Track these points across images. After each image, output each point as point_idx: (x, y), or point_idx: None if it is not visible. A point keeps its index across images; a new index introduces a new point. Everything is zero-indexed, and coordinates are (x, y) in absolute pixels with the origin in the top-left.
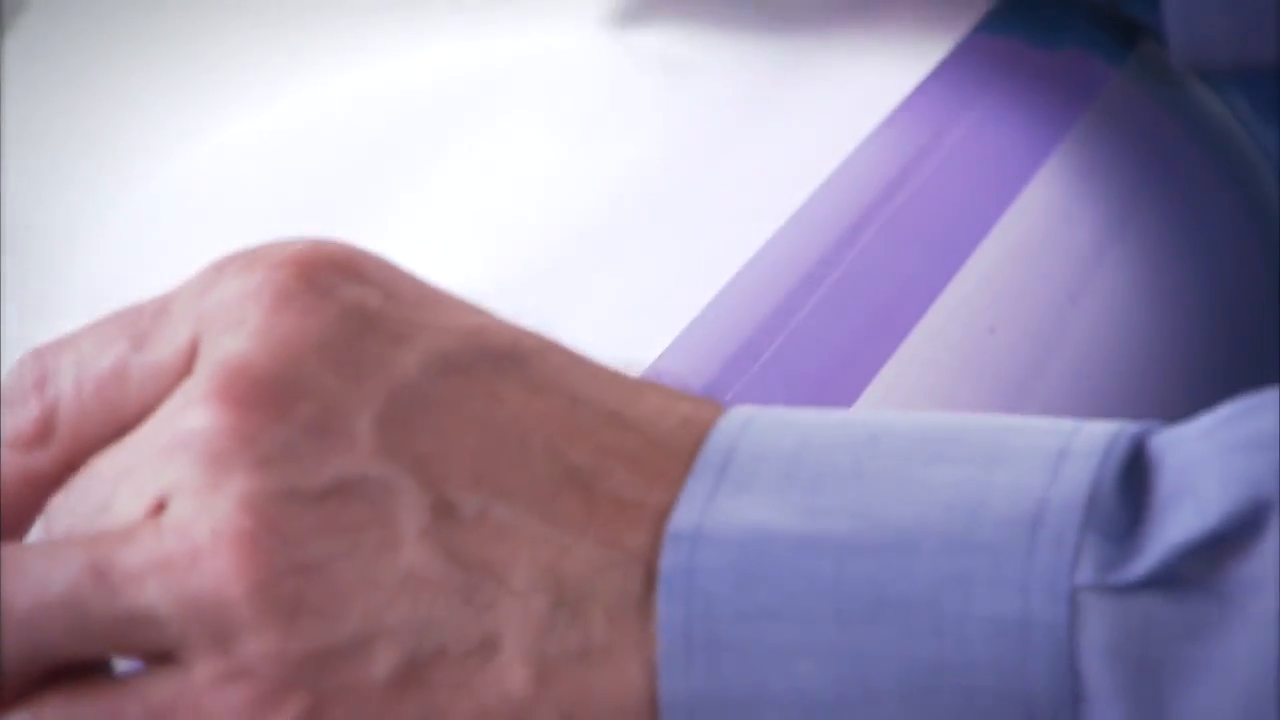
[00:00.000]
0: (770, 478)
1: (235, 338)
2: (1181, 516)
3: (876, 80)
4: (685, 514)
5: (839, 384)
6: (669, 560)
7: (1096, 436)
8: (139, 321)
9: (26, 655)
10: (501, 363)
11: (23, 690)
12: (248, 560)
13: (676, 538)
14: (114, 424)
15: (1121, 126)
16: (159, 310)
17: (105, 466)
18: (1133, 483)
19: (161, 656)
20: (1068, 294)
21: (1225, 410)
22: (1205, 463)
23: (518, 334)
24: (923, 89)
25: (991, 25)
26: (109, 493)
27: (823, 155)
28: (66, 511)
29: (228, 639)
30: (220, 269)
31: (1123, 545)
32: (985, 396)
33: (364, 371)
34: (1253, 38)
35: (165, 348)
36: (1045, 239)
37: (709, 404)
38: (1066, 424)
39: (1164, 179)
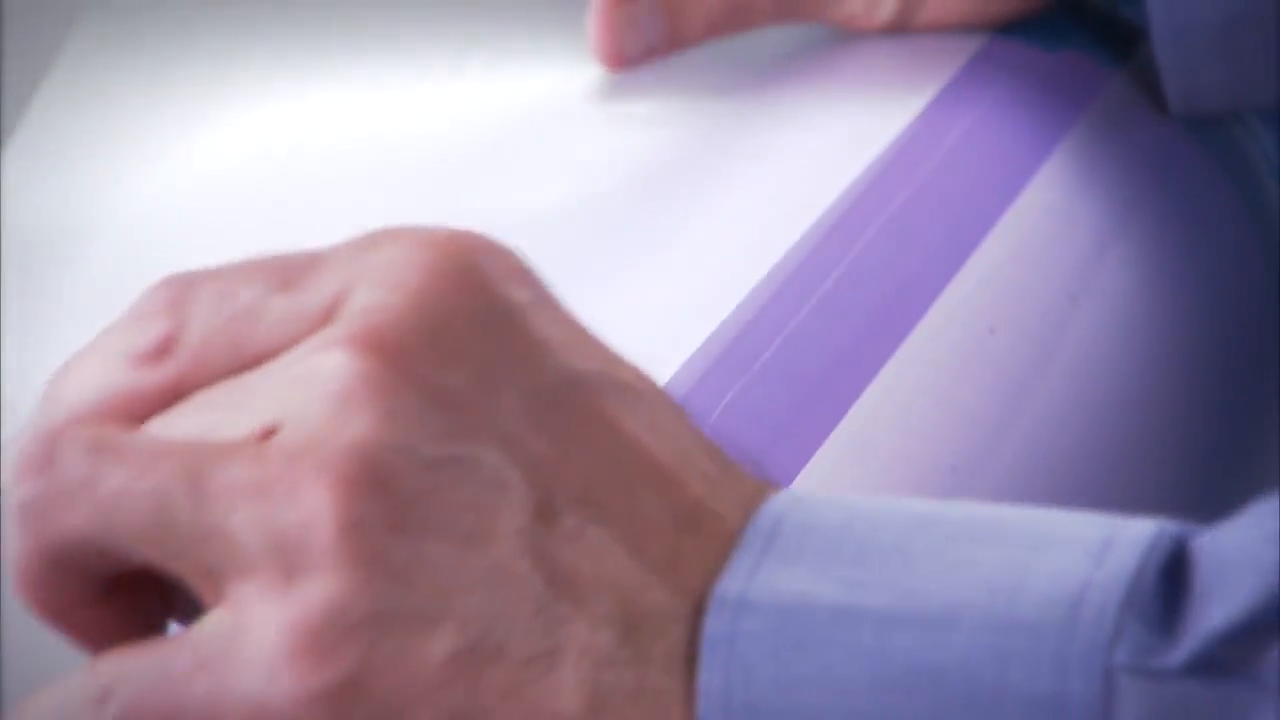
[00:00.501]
0: (814, 551)
1: (388, 294)
2: (1217, 606)
3: (863, 122)
4: (731, 581)
5: (839, 384)
6: (713, 626)
7: (1142, 530)
8: (287, 267)
9: (98, 538)
10: (627, 395)
11: (83, 595)
12: (345, 503)
13: (721, 603)
14: (235, 358)
15: (1121, 127)
16: (311, 261)
17: (219, 393)
18: (1172, 578)
19: (214, 600)
20: (1068, 294)
21: (1258, 508)
22: (1240, 555)
23: (640, 373)
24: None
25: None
26: (218, 418)
27: (819, 174)
28: (167, 430)
29: (298, 577)
30: (377, 237)
31: (1161, 635)
32: (985, 397)
33: (506, 362)
34: (1248, 85)
35: (309, 295)
36: (1045, 239)
37: (769, 481)
38: (1112, 518)
39: (1163, 179)
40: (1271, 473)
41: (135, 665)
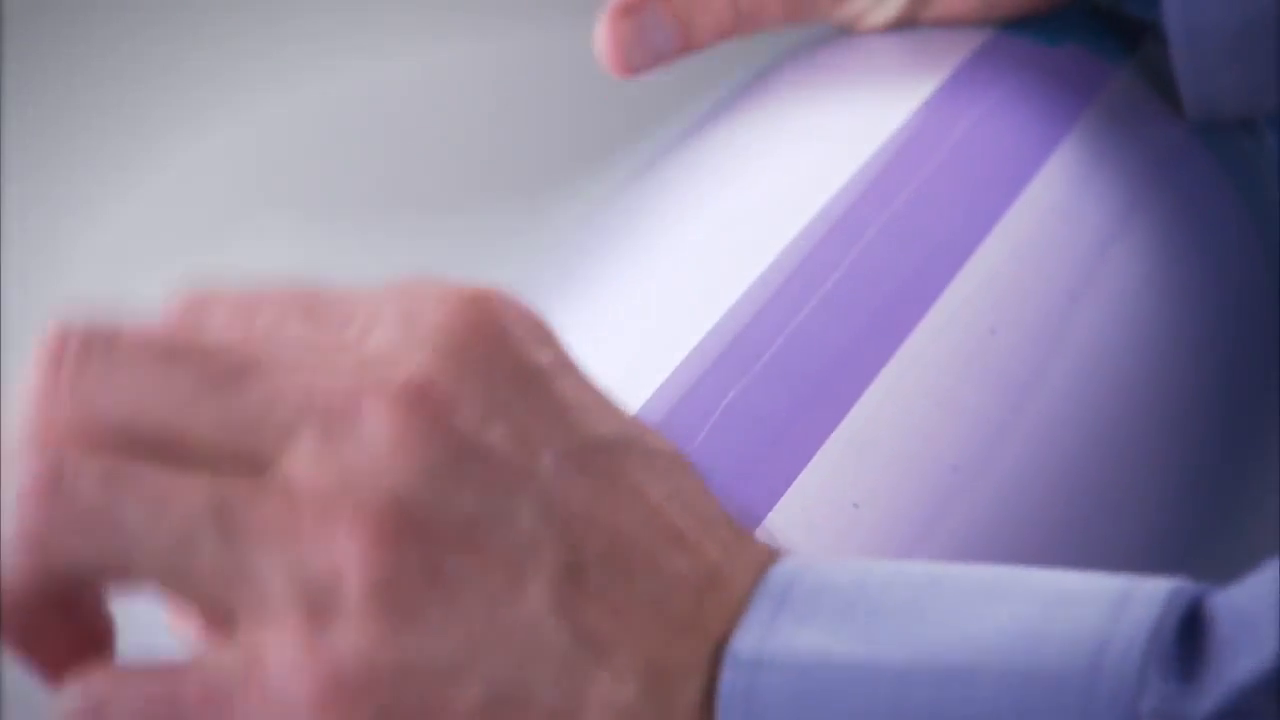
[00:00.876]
0: (828, 610)
1: (421, 347)
2: (1244, 657)
3: (863, 118)
4: (745, 638)
5: (840, 384)
6: (729, 683)
7: (1159, 587)
8: (311, 296)
9: (109, 570)
10: (650, 460)
11: (54, 619)
12: (381, 553)
13: (736, 660)
14: (239, 374)
15: (1123, 124)
16: (337, 296)
17: (244, 395)
18: (1190, 633)
19: (222, 634)
20: (1069, 294)
21: (1271, 568)
22: (1258, 611)
23: (660, 438)
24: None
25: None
26: (241, 415)
27: (819, 171)
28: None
29: (325, 625)
30: (403, 287)
31: (1183, 686)
32: (987, 397)
33: (539, 423)
34: (1264, 90)
35: (329, 328)
36: (1047, 238)
37: (780, 548)
38: (1127, 577)
39: (1166, 177)
40: (1271, 473)
41: (134, 687)
